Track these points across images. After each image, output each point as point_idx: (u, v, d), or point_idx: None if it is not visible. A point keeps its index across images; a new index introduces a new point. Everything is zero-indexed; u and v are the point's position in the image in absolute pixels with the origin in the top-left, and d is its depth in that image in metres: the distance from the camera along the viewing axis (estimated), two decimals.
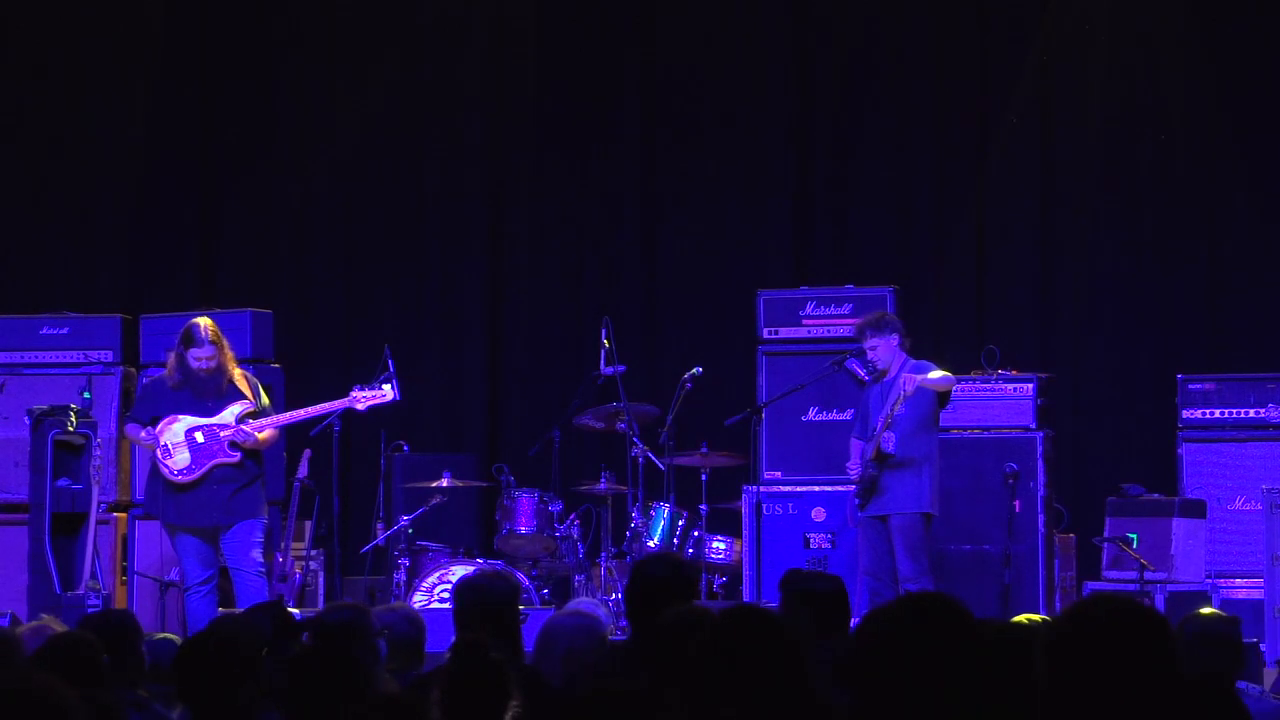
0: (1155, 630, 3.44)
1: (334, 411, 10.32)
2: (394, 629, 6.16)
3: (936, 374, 10.32)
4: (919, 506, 10.32)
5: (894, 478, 10.30)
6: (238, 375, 10.03)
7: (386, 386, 10.24)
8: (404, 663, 6.09)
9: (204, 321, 9.92)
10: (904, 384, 10.12)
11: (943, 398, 10.42)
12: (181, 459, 9.84)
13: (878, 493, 10.32)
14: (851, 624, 6.07)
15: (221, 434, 9.84)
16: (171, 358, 10.03)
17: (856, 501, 10.46)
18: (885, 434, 10.23)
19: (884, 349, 10.46)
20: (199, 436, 9.84)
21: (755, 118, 13.98)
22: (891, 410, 10.16)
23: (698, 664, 3.81)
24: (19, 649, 5.40)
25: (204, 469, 9.83)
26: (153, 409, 9.98)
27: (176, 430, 9.86)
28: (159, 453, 9.87)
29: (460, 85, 14.33)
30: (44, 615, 8.87)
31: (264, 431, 9.89)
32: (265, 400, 10.08)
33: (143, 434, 9.92)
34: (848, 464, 10.58)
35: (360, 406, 10.23)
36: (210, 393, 9.88)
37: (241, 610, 9.47)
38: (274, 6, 14.52)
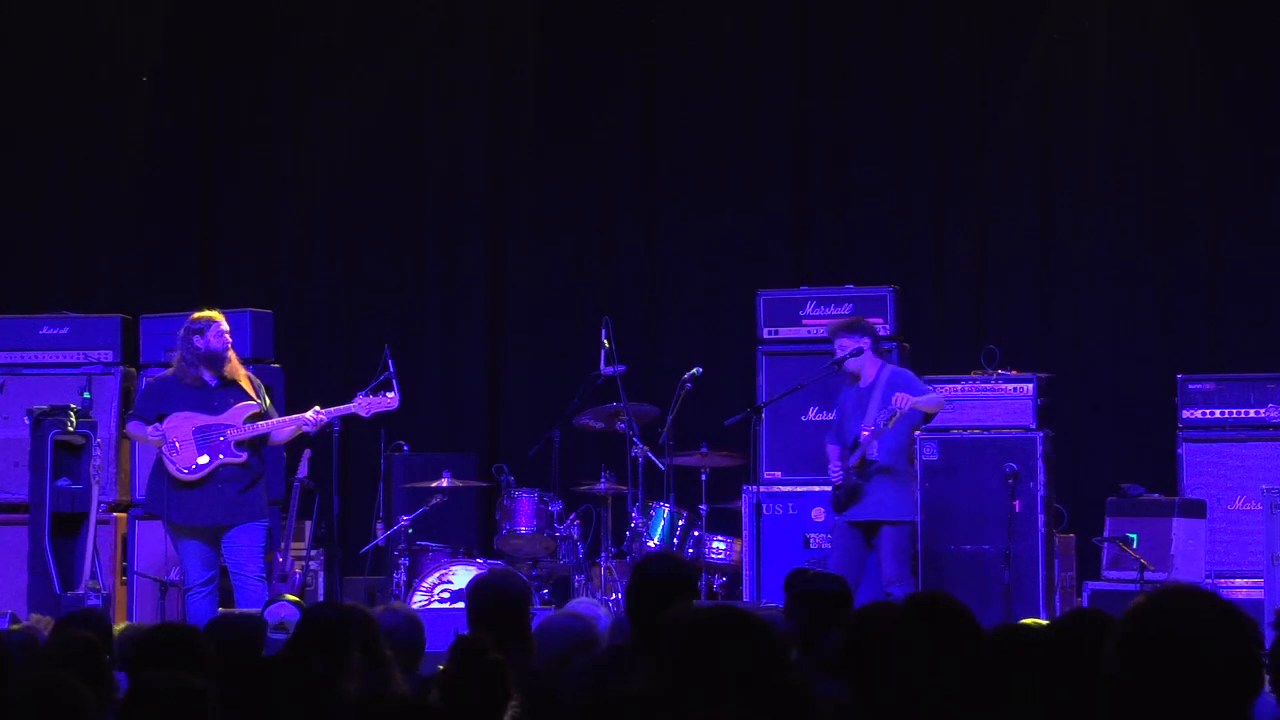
0: (1237, 627, 3.39)
1: (338, 416, 10.34)
2: (395, 631, 6.15)
3: (927, 397, 10.37)
4: (907, 515, 10.44)
5: (879, 486, 10.36)
6: (242, 375, 10.07)
7: (390, 394, 10.27)
8: (404, 664, 6.08)
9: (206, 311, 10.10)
10: (899, 403, 10.16)
11: (927, 415, 10.49)
12: (188, 456, 9.87)
13: (859, 499, 10.37)
14: None
15: (228, 433, 9.88)
16: (177, 357, 10.08)
17: (831, 504, 10.54)
18: (872, 443, 10.28)
19: (851, 348, 10.51)
20: (206, 435, 9.88)
21: (755, 117, 13.98)
22: (884, 426, 10.20)
23: (679, 665, 3.81)
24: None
25: (210, 467, 9.87)
26: (159, 406, 10.01)
27: (184, 428, 9.89)
28: (165, 449, 9.90)
29: (460, 86, 14.34)
30: (36, 616, 8.88)
31: (286, 429, 10.00)
32: (267, 402, 10.12)
33: (149, 430, 9.94)
34: (829, 467, 10.59)
35: (365, 413, 10.25)
36: (218, 386, 9.94)
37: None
38: (274, 5, 14.52)
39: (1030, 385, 11.49)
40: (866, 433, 10.28)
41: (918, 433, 10.90)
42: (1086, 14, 13.61)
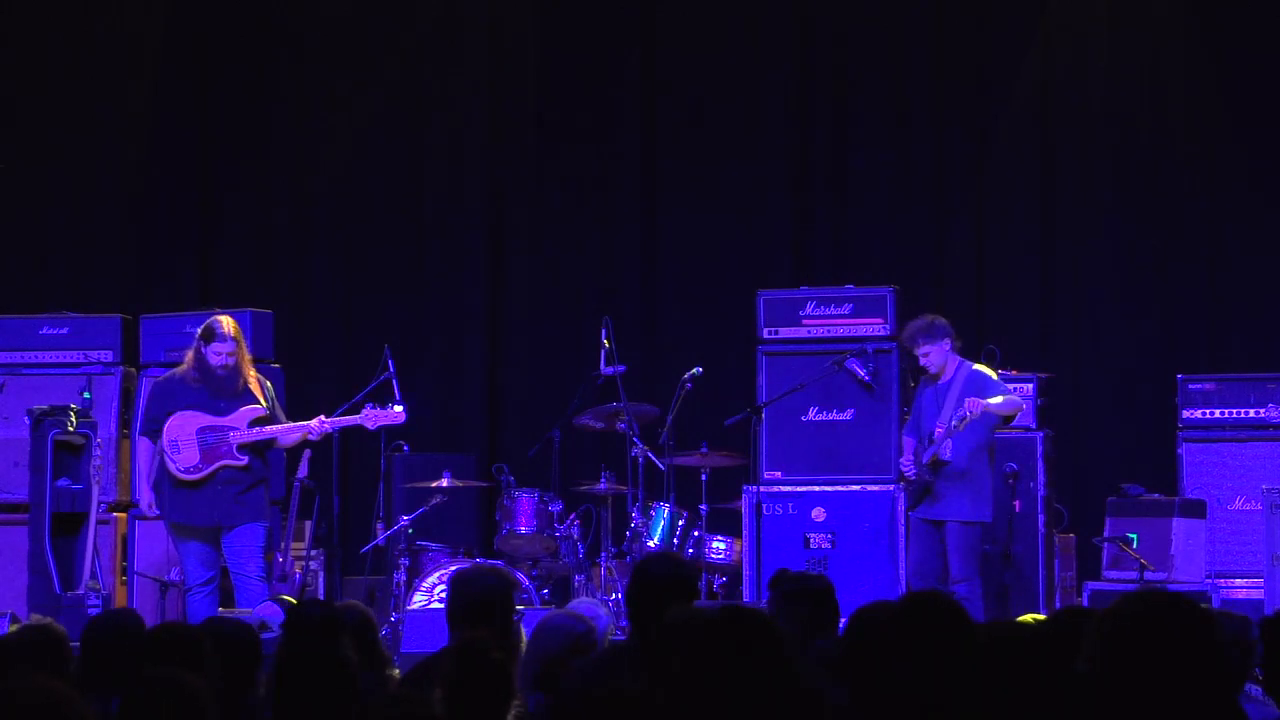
0: (1204, 629, 3.41)
1: (342, 427, 10.33)
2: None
3: (1000, 398, 10.37)
4: (976, 515, 10.45)
5: (950, 485, 10.43)
6: (252, 378, 10.05)
7: (397, 407, 10.26)
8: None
9: (226, 319, 10.02)
10: (970, 407, 10.18)
11: (1005, 418, 10.51)
12: (189, 456, 9.87)
13: (932, 497, 10.43)
14: (841, 623, 6.11)
15: (230, 435, 9.87)
16: (189, 355, 10.07)
17: (906, 500, 10.59)
18: (945, 442, 10.33)
19: (936, 354, 10.55)
20: (208, 436, 9.88)
21: (755, 117, 13.99)
22: (955, 426, 10.25)
23: (690, 665, 3.80)
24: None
25: (211, 468, 9.87)
26: (165, 405, 10.01)
27: (187, 427, 9.89)
28: (167, 447, 9.91)
29: (460, 85, 14.35)
30: (36, 616, 8.87)
31: (290, 436, 9.98)
32: (275, 407, 10.11)
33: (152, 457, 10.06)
34: (901, 460, 10.69)
35: (370, 425, 10.24)
36: (225, 392, 9.92)
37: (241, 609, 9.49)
38: (273, 5, 14.52)
39: (1030, 385, 11.51)
40: (940, 430, 10.36)
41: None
42: (1086, 14, 13.61)
